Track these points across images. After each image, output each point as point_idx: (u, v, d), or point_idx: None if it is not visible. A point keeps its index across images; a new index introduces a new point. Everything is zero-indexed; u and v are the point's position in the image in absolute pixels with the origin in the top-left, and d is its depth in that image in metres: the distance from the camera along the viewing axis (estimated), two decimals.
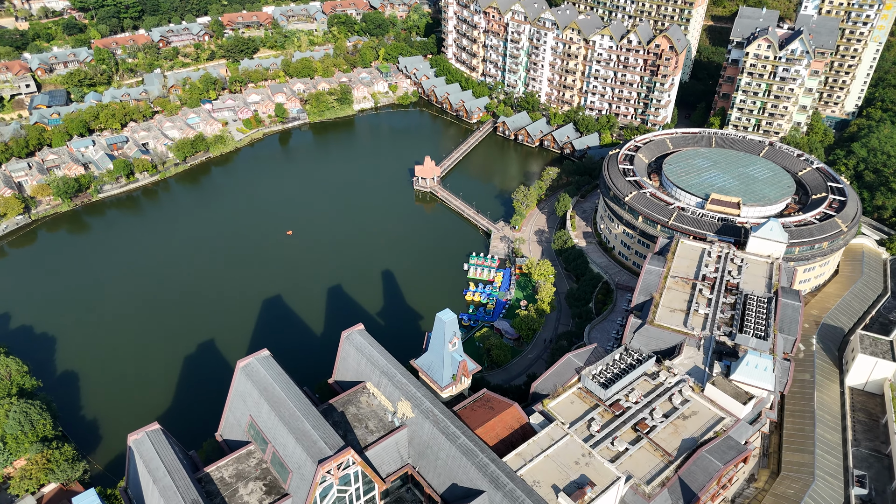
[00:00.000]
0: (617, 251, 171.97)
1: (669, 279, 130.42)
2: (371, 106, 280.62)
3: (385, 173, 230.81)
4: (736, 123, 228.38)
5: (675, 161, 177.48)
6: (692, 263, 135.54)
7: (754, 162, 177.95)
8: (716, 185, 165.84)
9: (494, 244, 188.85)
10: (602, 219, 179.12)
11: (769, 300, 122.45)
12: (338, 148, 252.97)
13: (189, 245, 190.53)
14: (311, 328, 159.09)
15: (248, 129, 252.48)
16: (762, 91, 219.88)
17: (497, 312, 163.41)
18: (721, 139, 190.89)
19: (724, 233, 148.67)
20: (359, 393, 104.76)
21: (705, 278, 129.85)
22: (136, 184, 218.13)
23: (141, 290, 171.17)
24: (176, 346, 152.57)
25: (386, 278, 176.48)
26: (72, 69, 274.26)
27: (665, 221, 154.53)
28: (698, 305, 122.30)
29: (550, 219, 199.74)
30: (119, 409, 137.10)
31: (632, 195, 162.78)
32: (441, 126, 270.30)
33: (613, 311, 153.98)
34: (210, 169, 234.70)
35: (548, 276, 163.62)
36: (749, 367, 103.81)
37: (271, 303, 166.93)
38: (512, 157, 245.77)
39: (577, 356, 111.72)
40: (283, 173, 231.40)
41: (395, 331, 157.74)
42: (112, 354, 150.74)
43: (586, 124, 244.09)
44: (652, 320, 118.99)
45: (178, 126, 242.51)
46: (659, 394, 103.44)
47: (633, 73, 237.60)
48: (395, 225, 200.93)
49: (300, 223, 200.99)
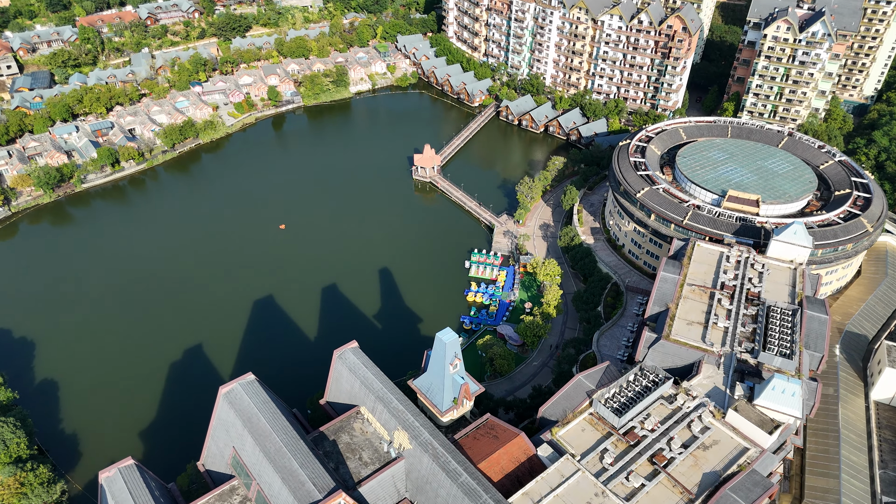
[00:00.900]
0: (627, 249, 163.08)
1: (686, 287, 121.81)
2: (368, 88, 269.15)
3: (383, 161, 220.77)
4: (751, 110, 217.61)
5: (689, 153, 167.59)
6: (709, 269, 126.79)
7: (773, 154, 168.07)
8: (733, 181, 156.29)
9: (497, 239, 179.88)
10: (611, 214, 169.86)
11: (793, 312, 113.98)
12: (333, 133, 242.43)
13: (177, 239, 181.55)
14: (304, 332, 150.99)
15: (239, 114, 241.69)
16: (780, 76, 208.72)
17: (500, 315, 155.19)
18: (737, 129, 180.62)
19: (742, 234, 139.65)
20: (352, 419, 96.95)
21: (724, 286, 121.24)
22: (121, 173, 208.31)
23: (126, 289, 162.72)
24: (161, 351, 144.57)
25: (383, 276, 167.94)
26: (55, 49, 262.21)
27: (679, 221, 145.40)
28: (717, 318, 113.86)
29: (556, 211, 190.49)
30: (100, 421, 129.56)
31: (644, 191, 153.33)
32: (441, 109, 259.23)
33: (623, 315, 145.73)
34: (200, 156, 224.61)
35: (554, 276, 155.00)
36: (775, 392, 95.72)
37: (263, 304, 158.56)
38: (515, 144, 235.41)
39: (588, 377, 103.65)
40: (276, 161, 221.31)
41: (393, 335, 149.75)
42: (94, 360, 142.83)
43: (593, 109, 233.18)
44: (668, 335, 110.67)
45: (167, 111, 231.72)
46: (677, 420, 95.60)
47: (644, 56, 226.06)
48: (393, 218, 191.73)
49: (293, 215, 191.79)
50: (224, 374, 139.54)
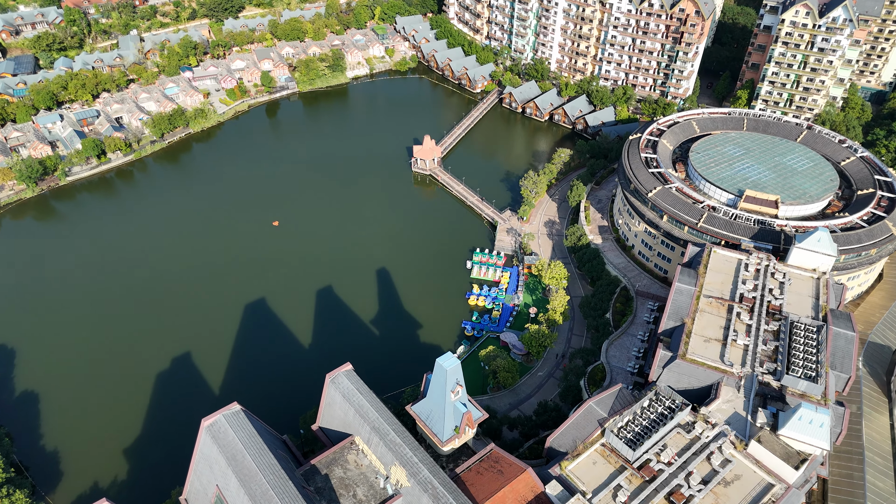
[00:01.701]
0: (636, 250, 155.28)
1: (702, 299, 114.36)
2: (366, 73, 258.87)
3: (381, 151, 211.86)
4: (766, 98, 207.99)
5: (702, 148, 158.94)
6: (727, 279, 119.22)
7: (792, 150, 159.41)
8: (750, 179, 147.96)
9: (500, 237, 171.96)
10: (620, 213, 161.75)
11: (818, 329, 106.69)
12: (329, 121, 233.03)
13: (166, 237, 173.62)
14: (297, 338, 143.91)
15: (231, 101, 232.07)
16: (797, 63, 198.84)
17: (503, 320, 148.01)
18: (753, 121, 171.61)
19: (760, 238, 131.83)
20: (346, 450, 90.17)
21: (743, 298, 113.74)
22: (108, 165, 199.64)
23: (111, 292, 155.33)
24: (147, 361, 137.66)
25: (381, 277, 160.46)
26: (40, 32, 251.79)
27: (694, 223, 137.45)
28: (737, 334, 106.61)
29: (562, 207, 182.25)
30: (83, 438, 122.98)
31: (656, 191, 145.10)
32: (442, 96, 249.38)
33: (633, 323, 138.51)
34: (191, 146, 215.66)
35: (560, 279, 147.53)
36: (802, 423, 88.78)
37: (254, 308, 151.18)
38: (519, 133, 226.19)
39: (600, 403, 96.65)
40: (269, 151, 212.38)
41: (391, 343, 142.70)
42: (77, 370, 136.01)
43: (601, 96, 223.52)
44: (684, 353, 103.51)
45: (156, 97, 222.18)
46: (695, 452, 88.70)
47: (654, 41, 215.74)
48: (391, 213, 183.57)
49: (288, 210, 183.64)
50: (213, 384, 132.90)
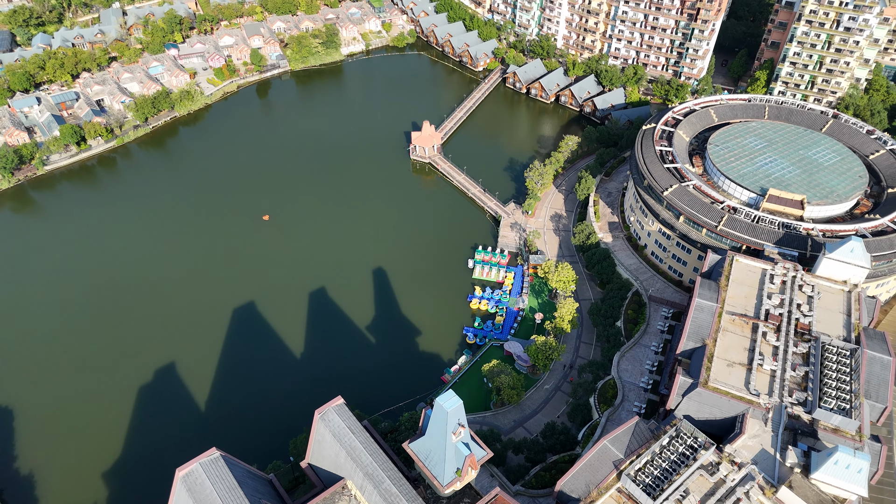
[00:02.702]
0: (649, 251, 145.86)
1: (724, 316, 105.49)
2: (361, 49, 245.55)
3: (377, 136, 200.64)
4: (786, 80, 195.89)
5: (721, 140, 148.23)
6: (751, 292, 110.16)
7: (817, 142, 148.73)
8: (773, 175, 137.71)
9: (504, 233, 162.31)
10: (632, 210, 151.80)
11: (851, 352, 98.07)
12: (323, 102, 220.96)
13: (150, 233, 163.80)
14: (289, 347, 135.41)
15: (219, 81, 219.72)
16: (821, 43, 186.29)
17: (507, 326, 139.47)
18: (775, 109, 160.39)
19: (785, 243, 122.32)
20: (337, 495, 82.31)
21: (769, 316, 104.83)
22: (89, 152, 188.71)
23: (91, 293, 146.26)
24: (129, 372, 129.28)
25: (377, 278, 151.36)
26: (16, 5, 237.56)
27: (713, 226, 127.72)
28: (763, 358, 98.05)
29: (569, 199, 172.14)
30: (60, 458, 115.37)
31: (672, 189, 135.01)
32: (442, 74, 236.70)
33: (646, 332, 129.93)
34: (177, 130, 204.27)
35: (568, 283, 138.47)
36: (838, 468, 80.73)
37: (243, 313, 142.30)
38: (523, 116, 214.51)
39: (615, 441, 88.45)
40: (260, 137, 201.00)
41: (388, 353, 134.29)
42: (54, 382, 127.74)
43: (610, 76, 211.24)
44: (706, 381, 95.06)
45: (139, 78, 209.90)
46: (720, 498, 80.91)
47: (668, 17, 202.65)
48: (388, 207, 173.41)
49: (279, 202, 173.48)
50: (199, 400, 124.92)
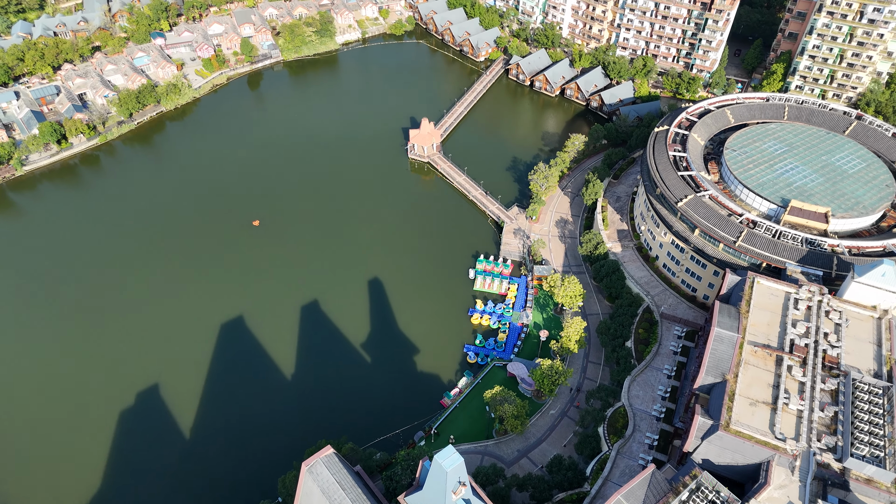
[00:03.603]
0: (661, 262, 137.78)
1: (746, 346, 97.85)
2: (357, 37, 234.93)
3: (374, 132, 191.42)
4: (804, 74, 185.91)
5: (739, 144, 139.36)
6: (774, 319, 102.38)
7: (840, 146, 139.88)
8: (794, 184, 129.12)
9: (507, 241, 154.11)
10: (643, 218, 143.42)
11: (884, 390, 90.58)
12: (317, 95, 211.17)
13: (134, 239, 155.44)
14: (279, 368, 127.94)
15: (208, 72, 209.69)
16: (843, 36, 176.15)
17: (510, 343, 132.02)
18: (795, 109, 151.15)
19: (809, 261, 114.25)
20: None
21: (794, 347, 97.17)
22: (70, 151, 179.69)
23: (72, 302, 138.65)
24: (109, 391, 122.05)
25: (373, 290, 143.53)
26: None
27: (731, 241, 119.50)
28: (788, 396, 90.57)
29: (575, 202, 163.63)
30: (31, 492, 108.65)
31: (686, 199, 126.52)
32: (442, 64, 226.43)
33: (658, 353, 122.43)
34: (164, 126, 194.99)
35: (575, 297, 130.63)
36: None
37: (230, 329, 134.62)
38: (527, 111, 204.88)
39: (630, 496, 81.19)
40: (250, 134, 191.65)
41: (384, 373, 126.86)
42: (25, 403, 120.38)
43: (618, 69, 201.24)
44: (727, 423, 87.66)
45: (123, 70, 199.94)
46: None
47: (680, 6, 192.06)
48: (385, 211, 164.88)
49: (270, 205, 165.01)
50: (183, 424, 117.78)
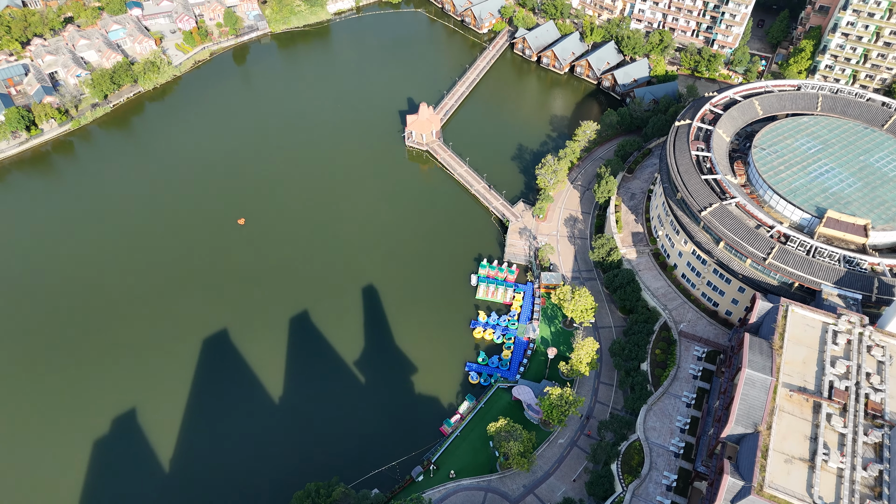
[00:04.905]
0: (680, 272, 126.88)
1: (780, 390, 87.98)
2: (351, 6, 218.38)
3: (369, 115, 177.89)
4: (836, 53, 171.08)
5: (768, 142, 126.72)
6: (810, 355, 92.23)
7: (879, 144, 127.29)
8: (830, 190, 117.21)
9: (512, 241, 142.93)
10: (660, 222, 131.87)
11: None
12: (308, 72, 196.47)
13: (108, 239, 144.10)
14: (266, 391, 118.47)
15: (190, 47, 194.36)
16: (882, 12, 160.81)
17: (516, 361, 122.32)
18: (829, 100, 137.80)
19: (847, 283, 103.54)
20: None
21: (833, 391, 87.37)
22: (41, 138, 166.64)
23: (41, 312, 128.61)
24: (82, 417, 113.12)
25: (367, 298, 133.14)
26: None
27: (761, 258, 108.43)
28: (828, 452, 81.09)
29: (586, 197, 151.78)
30: None
31: (711, 208, 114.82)
32: (442, 37, 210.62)
33: (676, 377, 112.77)
34: (143, 107, 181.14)
35: (587, 312, 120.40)
36: None
37: (213, 345, 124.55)
38: (533, 91, 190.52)
39: None
40: (235, 117, 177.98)
41: (376, 395, 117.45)
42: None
43: (632, 44, 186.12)
44: (760, 486, 78.44)
45: (97, 45, 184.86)
46: None
47: None
48: (381, 206, 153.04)
49: (256, 201, 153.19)
50: (162, 457, 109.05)
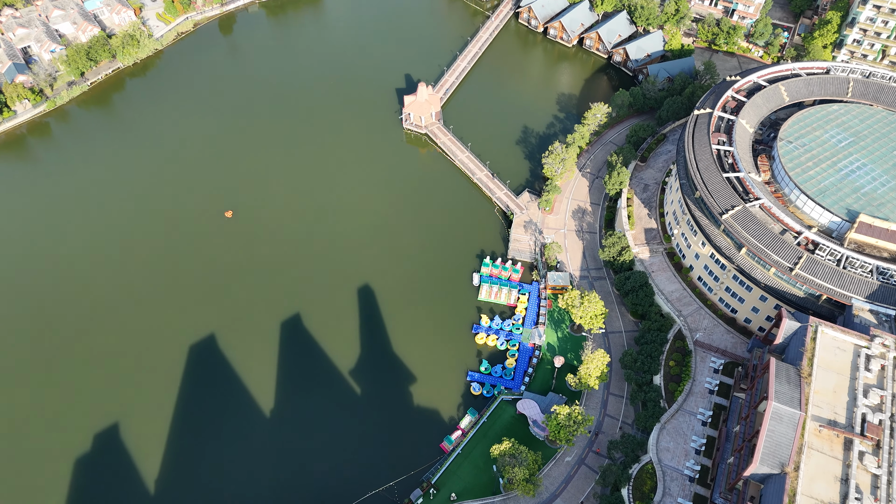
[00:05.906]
0: (696, 274, 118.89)
1: (809, 425, 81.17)
2: None
3: (364, 92, 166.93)
4: (865, 27, 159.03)
5: (794, 134, 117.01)
6: (841, 384, 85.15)
7: None
8: (862, 189, 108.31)
9: (516, 236, 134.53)
10: (676, 219, 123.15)
11: None
12: (299, 44, 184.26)
13: (86, 234, 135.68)
14: (256, 403, 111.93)
15: (172, 17, 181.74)
16: None
17: (521, 370, 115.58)
18: (861, 85, 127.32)
19: (879, 298, 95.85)
20: None
21: (866, 425, 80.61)
22: (14, 121, 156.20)
23: (10, 318, 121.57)
24: (60, 434, 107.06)
25: (363, 300, 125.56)
26: None
27: (787, 268, 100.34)
28: (860, 497, 74.88)
29: (595, 187, 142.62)
30: None
31: (733, 211, 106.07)
32: (441, 5, 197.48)
33: (691, 391, 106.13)
34: (123, 84, 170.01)
35: (597, 318, 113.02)
36: None
37: (199, 352, 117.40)
38: (539, 66, 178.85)
39: None
40: (221, 95, 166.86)
41: (372, 408, 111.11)
42: None
43: (646, 14, 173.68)
44: None
45: (72, 17, 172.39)
46: None
47: None
48: (377, 196, 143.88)
49: (244, 190, 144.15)
50: (146, 475, 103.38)
